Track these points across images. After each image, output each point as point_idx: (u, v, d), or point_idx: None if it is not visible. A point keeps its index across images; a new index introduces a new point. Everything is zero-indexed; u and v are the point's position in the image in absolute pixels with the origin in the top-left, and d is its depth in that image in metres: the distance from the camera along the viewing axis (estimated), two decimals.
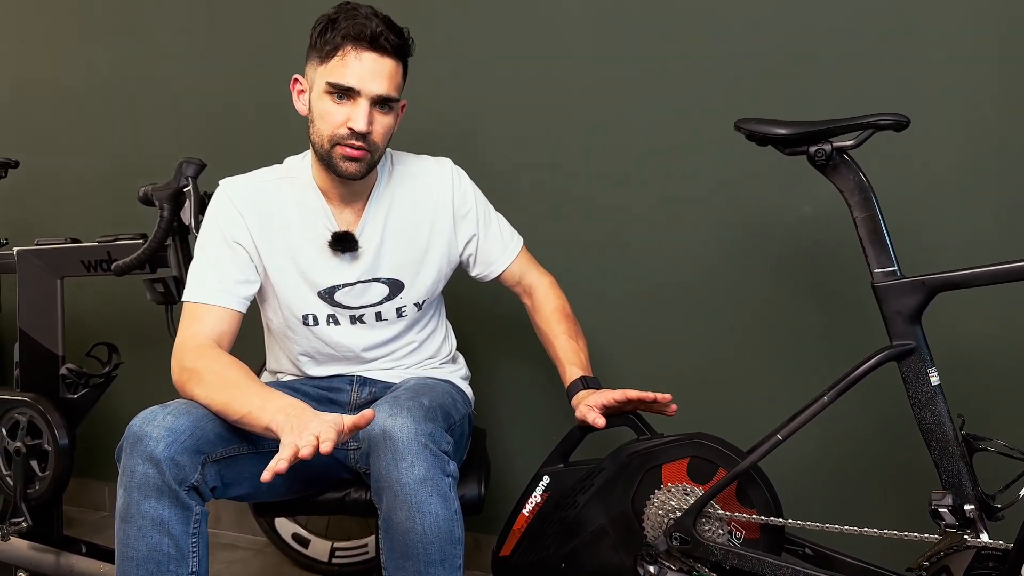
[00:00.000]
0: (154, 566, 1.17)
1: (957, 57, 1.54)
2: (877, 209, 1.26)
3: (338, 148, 1.34)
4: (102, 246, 1.85)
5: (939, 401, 1.24)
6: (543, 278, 1.60)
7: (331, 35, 1.32)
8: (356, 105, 1.32)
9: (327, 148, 1.35)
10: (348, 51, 1.31)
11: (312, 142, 1.38)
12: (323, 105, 1.33)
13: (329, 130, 1.34)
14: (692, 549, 1.33)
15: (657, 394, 1.37)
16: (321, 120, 1.34)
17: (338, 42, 1.31)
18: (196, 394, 1.26)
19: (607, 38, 1.80)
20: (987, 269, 1.20)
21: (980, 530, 1.21)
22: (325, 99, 1.33)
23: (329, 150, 1.35)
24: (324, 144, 1.35)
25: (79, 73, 2.38)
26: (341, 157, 1.34)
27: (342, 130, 1.33)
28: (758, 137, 1.30)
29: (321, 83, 1.33)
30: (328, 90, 1.32)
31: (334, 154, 1.35)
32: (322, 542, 2.06)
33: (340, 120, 1.33)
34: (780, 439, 1.29)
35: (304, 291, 1.43)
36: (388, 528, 1.19)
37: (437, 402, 1.31)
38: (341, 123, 1.33)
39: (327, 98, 1.33)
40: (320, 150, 1.36)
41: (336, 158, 1.35)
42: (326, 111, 1.33)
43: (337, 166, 1.35)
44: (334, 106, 1.33)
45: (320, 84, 1.33)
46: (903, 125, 1.24)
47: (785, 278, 1.70)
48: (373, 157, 1.37)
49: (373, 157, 1.37)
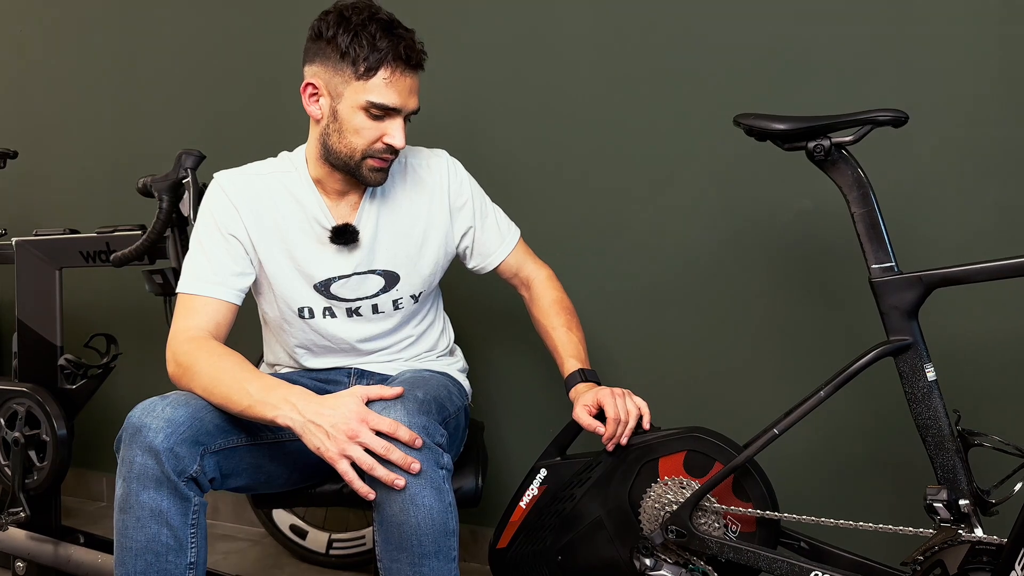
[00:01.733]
0: (153, 557, 1.17)
1: (956, 53, 1.55)
2: (875, 205, 1.26)
3: (369, 161, 1.36)
4: (101, 237, 1.85)
5: (935, 396, 1.25)
6: (541, 270, 1.60)
7: (369, 51, 1.29)
8: (394, 122, 1.34)
9: (357, 159, 1.36)
10: (393, 72, 1.31)
11: (332, 148, 1.37)
12: (358, 120, 1.33)
13: (364, 144, 1.35)
14: (688, 542, 1.34)
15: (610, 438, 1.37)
16: (355, 135, 1.34)
17: (380, 60, 1.30)
18: (194, 388, 1.26)
19: (606, 32, 1.79)
20: (984, 265, 1.21)
21: (975, 525, 1.21)
22: (360, 114, 1.33)
23: (360, 161, 1.36)
24: (355, 156, 1.36)
25: (78, 64, 2.38)
26: (371, 169, 1.37)
27: (378, 145, 1.35)
28: (757, 132, 1.30)
29: (358, 99, 1.32)
30: (366, 106, 1.32)
31: (364, 165, 1.36)
32: (320, 533, 2.07)
33: (376, 136, 1.34)
34: (776, 433, 1.29)
35: (300, 284, 1.43)
36: (382, 521, 1.20)
37: (432, 395, 1.32)
38: (377, 138, 1.35)
39: (362, 114, 1.33)
40: (347, 159, 1.36)
41: (365, 169, 1.37)
42: (362, 127, 1.34)
43: (366, 177, 1.38)
44: (371, 122, 1.34)
45: (357, 99, 1.32)
46: (901, 121, 1.24)
47: (783, 273, 1.70)
48: (393, 161, 1.40)
49: (393, 161, 1.40)
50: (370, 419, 1.18)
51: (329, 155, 1.38)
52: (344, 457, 1.17)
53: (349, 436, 1.16)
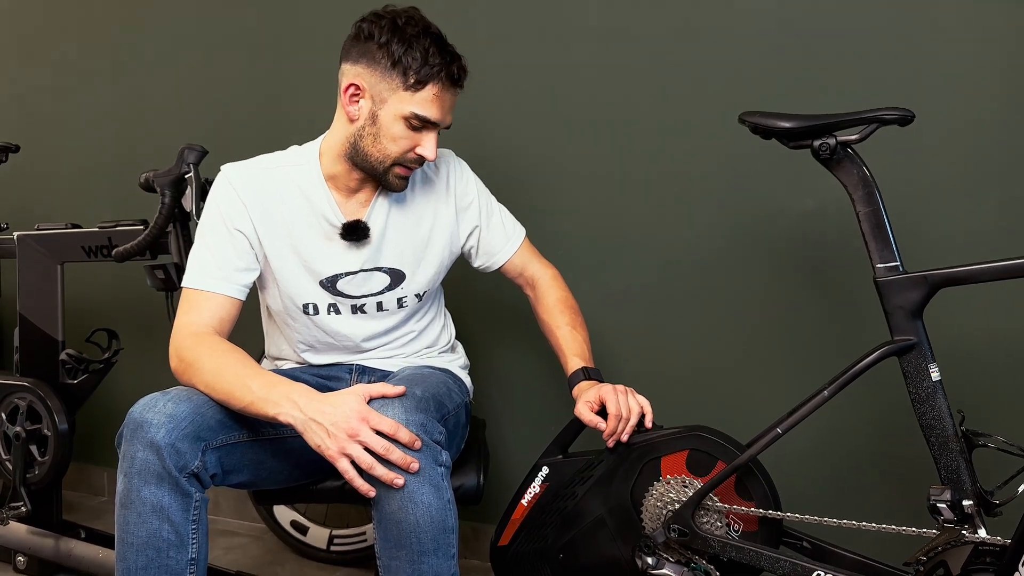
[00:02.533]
0: (154, 552, 1.17)
1: (962, 52, 1.54)
2: (880, 204, 1.26)
3: (397, 168, 1.38)
4: (103, 232, 1.85)
5: (939, 397, 1.24)
6: (546, 270, 1.60)
7: (422, 64, 1.31)
8: (429, 135, 1.36)
9: (387, 166, 1.37)
10: (441, 90, 1.34)
11: (363, 151, 1.37)
12: (397, 128, 1.34)
13: (398, 152, 1.36)
14: (690, 541, 1.33)
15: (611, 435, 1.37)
16: (392, 142, 1.35)
17: (431, 76, 1.31)
18: (196, 384, 1.26)
19: (611, 30, 1.79)
20: (990, 265, 1.20)
21: (978, 526, 1.21)
22: (400, 123, 1.34)
23: (389, 167, 1.38)
24: (386, 162, 1.37)
25: (81, 58, 2.38)
26: (397, 176, 1.39)
27: (410, 155, 1.37)
28: (762, 130, 1.30)
29: (402, 108, 1.33)
30: (408, 116, 1.33)
31: (392, 171, 1.38)
32: (320, 529, 2.07)
33: (410, 145, 1.36)
34: (780, 432, 1.29)
35: (306, 280, 1.43)
36: (381, 518, 1.19)
37: (430, 392, 1.31)
38: (410, 148, 1.36)
39: (403, 123, 1.34)
40: (377, 164, 1.37)
41: (392, 176, 1.39)
42: (400, 135, 1.35)
43: (391, 183, 1.40)
44: (409, 132, 1.35)
45: (400, 109, 1.33)
46: (908, 120, 1.24)
47: (787, 272, 1.70)
48: None
49: None
50: (371, 418, 1.18)
51: (357, 155, 1.38)
52: (344, 455, 1.16)
53: (349, 434, 1.16)
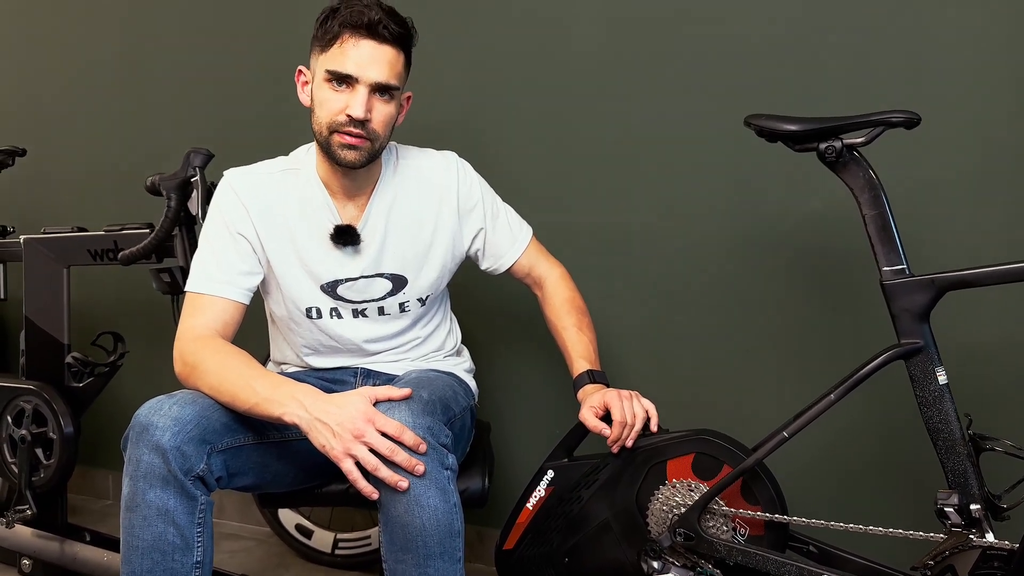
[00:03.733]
0: (159, 555, 1.17)
1: (969, 54, 1.53)
2: (887, 207, 1.25)
3: (336, 136, 1.34)
4: (109, 235, 1.85)
5: (946, 400, 1.24)
6: (554, 269, 1.59)
7: (330, 24, 1.33)
8: (354, 92, 1.33)
9: (326, 135, 1.35)
10: (346, 39, 1.32)
11: (313, 132, 1.38)
12: (322, 93, 1.34)
13: (328, 117, 1.34)
14: (696, 545, 1.33)
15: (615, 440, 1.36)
16: (320, 107, 1.35)
17: (336, 30, 1.32)
18: (200, 387, 1.26)
19: (616, 33, 1.79)
20: (997, 268, 1.20)
21: (986, 530, 1.20)
22: (324, 87, 1.34)
23: (328, 137, 1.35)
24: (323, 132, 1.35)
25: (87, 62, 2.38)
26: (339, 145, 1.34)
27: (340, 117, 1.33)
28: (768, 133, 1.30)
29: (321, 71, 1.34)
30: (327, 77, 1.33)
31: (332, 142, 1.35)
32: (325, 533, 2.07)
33: (338, 107, 1.33)
34: (786, 436, 1.29)
35: (307, 284, 1.43)
36: (387, 521, 1.19)
37: (437, 395, 1.31)
38: (339, 110, 1.33)
39: (326, 86, 1.34)
40: (320, 139, 1.37)
41: (335, 146, 1.35)
42: (325, 98, 1.34)
43: (336, 154, 1.35)
44: (333, 94, 1.33)
45: (320, 72, 1.34)
46: (914, 123, 1.23)
47: (793, 274, 1.69)
48: (373, 147, 1.36)
49: (373, 147, 1.36)
50: (377, 420, 1.17)
51: (317, 143, 1.39)
52: (349, 456, 1.16)
53: (355, 435, 1.16)
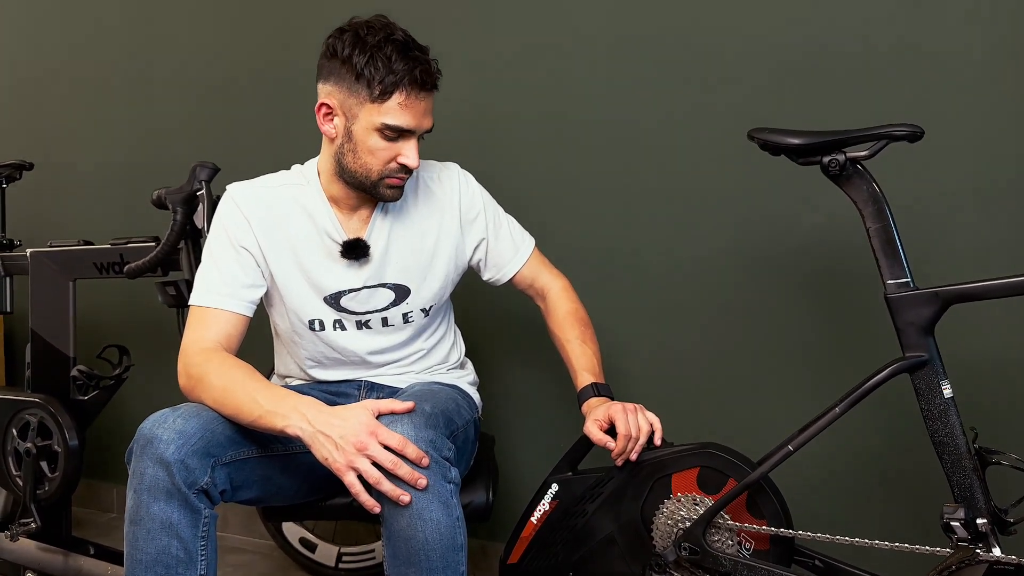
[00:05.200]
0: (163, 569, 1.17)
1: (972, 68, 1.54)
2: (891, 220, 1.25)
3: (387, 180, 1.37)
4: (115, 248, 1.86)
5: (952, 413, 1.23)
6: (556, 280, 1.59)
7: (385, 73, 1.29)
8: (408, 143, 1.35)
9: (374, 179, 1.37)
10: (408, 96, 1.31)
11: (347, 168, 1.37)
12: (372, 141, 1.34)
13: (379, 165, 1.36)
14: (701, 559, 1.32)
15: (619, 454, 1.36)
16: (370, 155, 1.35)
17: (395, 83, 1.30)
18: (204, 400, 1.27)
19: (621, 47, 1.80)
20: (1001, 282, 1.19)
21: (992, 544, 1.20)
22: (375, 135, 1.33)
23: (376, 181, 1.37)
24: (371, 176, 1.36)
25: (94, 77, 2.40)
26: (388, 187, 1.38)
27: (392, 165, 1.36)
28: (771, 146, 1.30)
29: (373, 121, 1.32)
30: (381, 128, 1.33)
31: (381, 184, 1.38)
32: (329, 547, 2.06)
33: (390, 156, 1.35)
34: (791, 450, 1.28)
35: (310, 296, 1.44)
36: (390, 535, 1.19)
37: (440, 408, 1.31)
38: (391, 158, 1.35)
39: (377, 135, 1.33)
40: (363, 179, 1.37)
41: (382, 188, 1.38)
42: (376, 147, 1.34)
43: (383, 195, 1.39)
44: (386, 143, 1.34)
45: (372, 121, 1.32)
46: (917, 136, 1.23)
47: (798, 287, 1.69)
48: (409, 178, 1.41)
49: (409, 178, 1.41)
50: (380, 433, 1.17)
51: (344, 173, 1.39)
52: (351, 469, 1.16)
53: (358, 448, 1.16)
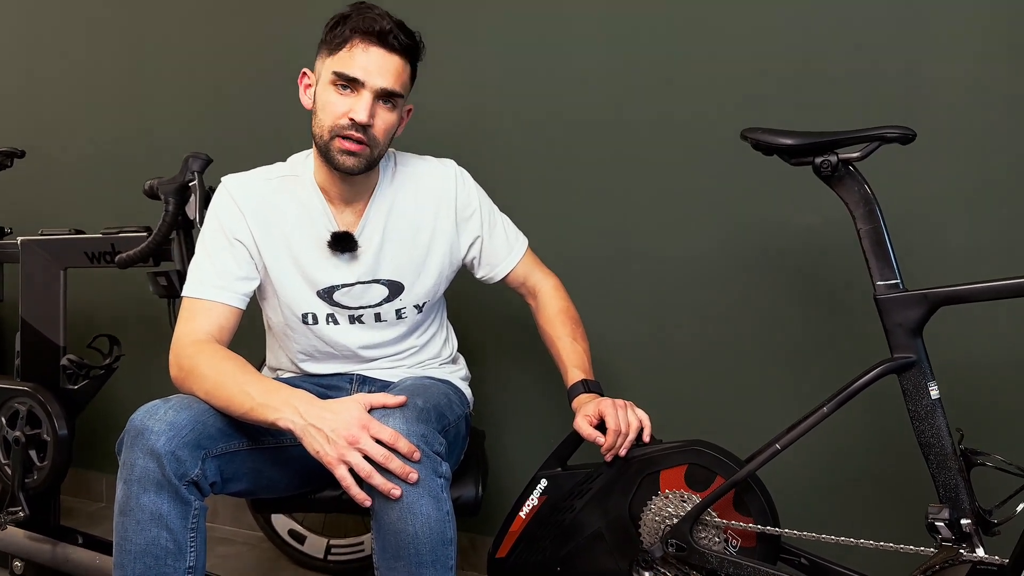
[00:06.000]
0: (152, 560, 1.17)
1: (966, 72, 1.55)
2: (881, 221, 1.26)
3: (337, 140, 1.35)
4: (106, 238, 1.86)
5: (938, 415, 1.24)
6: (548, 279, 1.60)
7: (341, 28, 1.34)
8: (359, 97, 1.34)
9: (327, 139, 1.35)
10: (356, 44, 1.33)
11: (313, 135, 1.38)
12: (327, 95, 1.35)
13: (330, 120, 1.35)
14: (688, 556, 1.33)
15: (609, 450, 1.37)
16: (323, 110, 1.35)
17: (347, 35, 1.33)
18: (196, 391, 1.27)
19: (616, 47, 1.80)
20: (990, 284, 1.20)
21: (976, 545, 1.21)
22: (330, 89, 1.34)
23: (328, 142, 1.35)
24: (324, 135, 1.36)
25: (87, 65, 2.39)
26: (339, 150, 1.35)
27: (343, 120, 1.34)
28: (764, 147, 1.31)
29: (327, 74, 1.35)
30: (333, 80, 1.34)
31: (333, 146, 1.35)
32: (318, 539, 2.07)
33: (342, 111, 1.34)
34: (779, 448, 1.29)
35: (304, 290, 1.44)
36: (380, 528, 1.19)
37: (431, 403, 1.32)
38: (343, 113, 1.34)
39: (331, 88, 1.34)
40: (320, 142, 1.37)
41: (335, 151, 1.35)
42: (329, 101, 1.35)
43: (335, 159, 1.36)
44: (337, 97, 1.34)
45: (326, 75, 1.35)
46: (909, 138, 1.24)
47: (791, 288, 1.70)
48: (372, 153, 1.37)
49: (372, 153, 1.37)
50: (371, 427, 1.18)
51: (316, 146, 1.39)
52: (343, 462, 1.17)
53: (349, 442, 1.16)
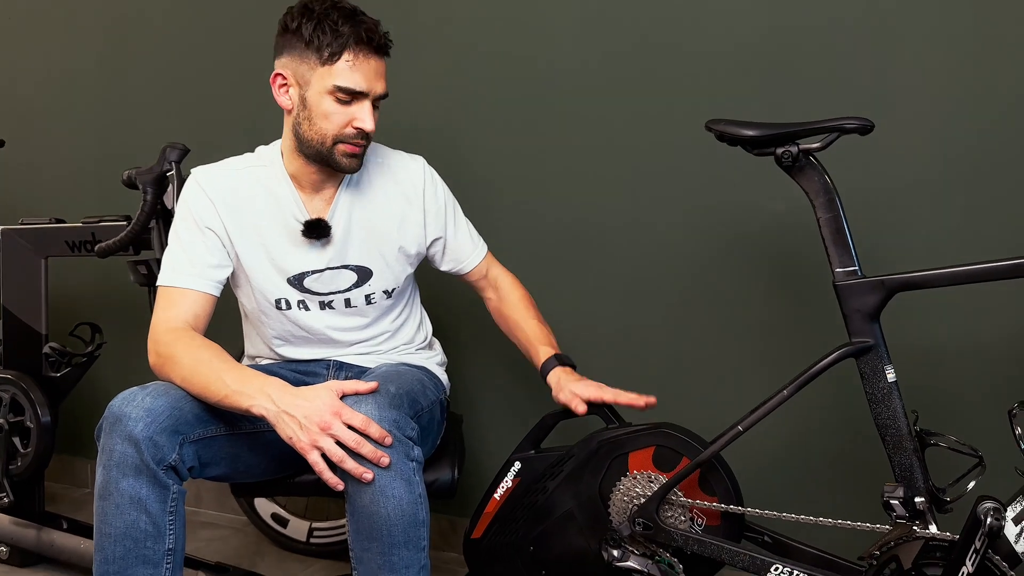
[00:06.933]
0: (131, 543, 1.20)
1: (928, 63, 1.58)
2: (840, 210, 1.30)
3: (341, 146, 1.38)
4: (86, 227, 1.87)
5: (894, 397, 1.28)
6: (507, 274, 1.66)
7: (332, 37, 1.33)
8: (362, 106, 1.37)
9: (329, 145, 1.38)
10: (356, 56, 1.34)
11: (304, 137, 1.39)
12: (326, 105, 1.36)
13: (334, 130, 1.37)
14: (655, 534, 1.37)
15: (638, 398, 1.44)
16: (324, 120, 1.37)
17: (343, 45, 1.33)
18: (173, 378, 1.29)
19: (587, 39, 1.82)
20: (945, 271, 1.24)
21: (929, 522, 1.25)
22: (328, 100, 1.36)
23: (331, 147, 1.38)
24: (326, 142, 1.38)
25: (66, 55, 2.39)
26: (343, 154, 1.39)
27: (348, 130, 1.37)
28: (727, 138, 1.33)
29: (325, 84, 1.35)
30: (333, 92, 1.35)
31: (336, 151, 1.38)
32: (300, 522, 2.10)
33: (345, 120, 1.37)
34: (740, 430, 1.33)
35: (274, 277, 1.46)
36: (354, 511, 1.23)
37: (404, 389, 1.35)
38: (346, 123, 1.37)
39: (330, 99, 1.36)
40: (318, 147, 1.39)
41: (338, 155, 1.39)
42: (330, 112, 1.36)
43: (339, 163, 1.39)
44: (339, 107, 1.36)
45: (323, 85, 1.35)
46: (867, 129, 1.27)
47: (758, 274, 1.74)
48: (367, 149, 1.42)
49: (367, 149, 1.42)
50: (343, 413, 1.21)
51: (302, 144, 1.41)
52: (315, 448, 1.20)
53: (321, 428, 1.20)
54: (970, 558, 1.17)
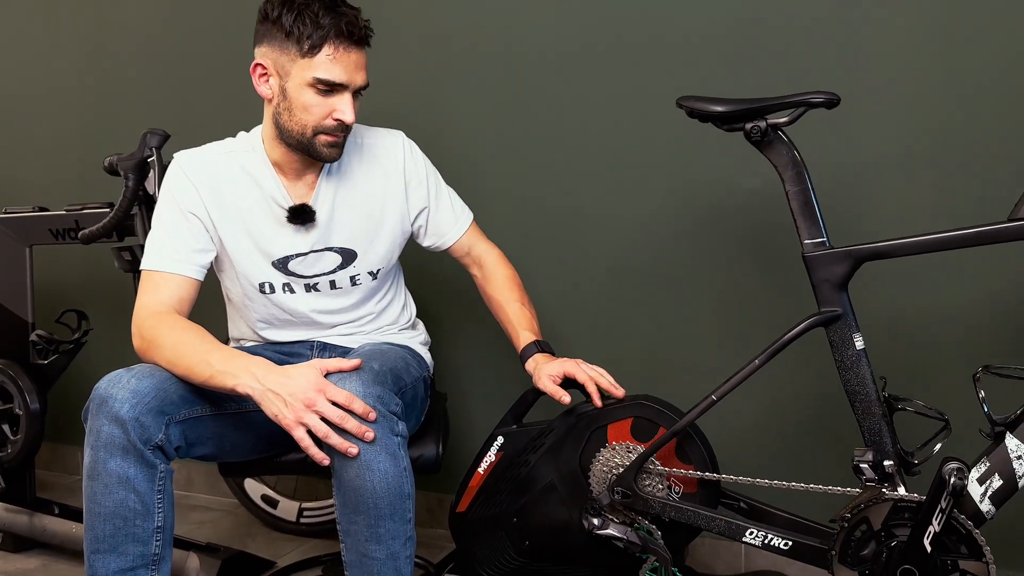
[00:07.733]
0: (120, 521, 1.23)
1: (897, 38, 1.60)
2: (808, 183, 1.32)
3: (321, 136, 1.39)
4: (70, 215, 1.89)
5: (863, 364, 1.32)
6: (492, 250, 1.65)
7: (313, 29, 1.33)
8: (342, 97, 1.38)
9: (309, 136, 1.39)
10: (337, 48, 1.35)
11: (284, 127, 1.40)
12: (307, 97, 1.37)
13: (314, 121, 1.38)
14: (633, 502, 1.41)
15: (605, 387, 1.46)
16: (304, 112, 1.38)
17: (323, 37, 1.33)
18: (158, 361, 1.31)
19: (567, 19, 1.83)
20: (909, 240, 1.27)
21: (898, 484, 1.29)
22: (308, 91, 1.36)
23: (311, 138, 1.39)
24: (306, 133, 1.39)
25: (47, 43, 2.39)
26: (324, 144, 1.40)
27: (328, 121, 1.38)
28: (698, 114, 1.36)
29: (305, 76, 1.35)
30: (313, 83, 1.36)
31: (316, 142, 1.40)
32: (290, 503, 2.13)
33: (325, 112, 1.38)
34: (714, 399, 1.37)
35: (259, 261, 1.48)
36: (340, 485, 1.26)
37: (388, 366, 1.37)
38: (327, 114, 1.38)
39: (310, 90, 1.36)
40: (300, 137, 1.40)
41: (319, 145, 1.40)
42: (311, 103, 1.37)
43: (320, 153, 1.41)
44: (319, 99, 1.37)
45: (304, 77, 1.36)
46: (834, 103, 1.30)
47: (735, 248, 1.76)
48: (347, 138, 1.43)
49: (347, 138, 1.43)
50: (327, 390, 1.23)
51: (283, 134, 1.42)
52: (300, 425, 1.22)
53: (306, 404, 1.22)
54: (936, 518, 1.21)
